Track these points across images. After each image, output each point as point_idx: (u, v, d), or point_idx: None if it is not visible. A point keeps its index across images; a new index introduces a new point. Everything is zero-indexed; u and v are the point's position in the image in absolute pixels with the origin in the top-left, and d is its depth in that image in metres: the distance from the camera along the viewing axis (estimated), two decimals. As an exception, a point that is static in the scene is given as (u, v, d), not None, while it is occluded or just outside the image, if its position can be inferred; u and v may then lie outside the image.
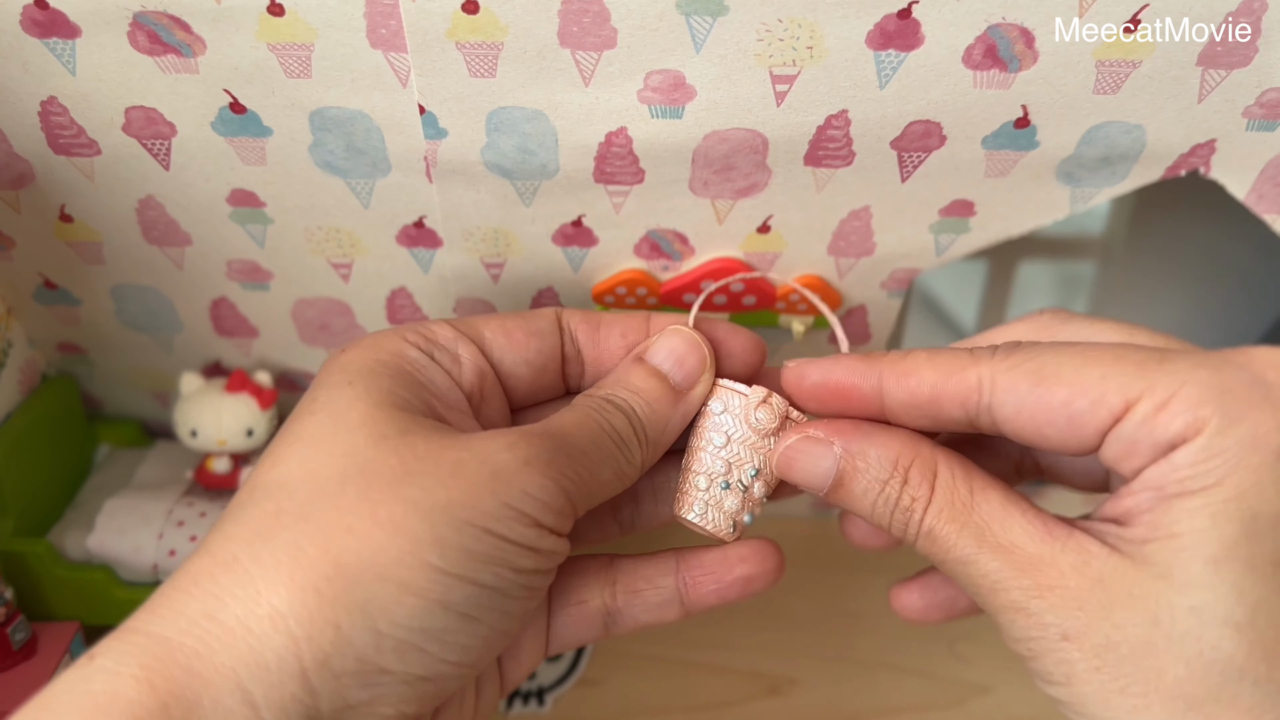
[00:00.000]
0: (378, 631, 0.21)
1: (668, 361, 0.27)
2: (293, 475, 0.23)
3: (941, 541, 0.24)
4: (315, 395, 0.25)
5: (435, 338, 0.26)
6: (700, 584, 0.28)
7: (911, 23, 0.27)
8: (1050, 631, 0.22)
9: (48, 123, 0.30)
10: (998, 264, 0.51)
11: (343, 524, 0.22)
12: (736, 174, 0.31)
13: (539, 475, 0.23)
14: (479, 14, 0.27)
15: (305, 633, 0.21)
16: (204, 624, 0.21)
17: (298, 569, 0.21)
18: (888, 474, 0.25)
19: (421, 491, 0.22)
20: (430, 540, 0.22)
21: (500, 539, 0.23)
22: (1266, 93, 0.28)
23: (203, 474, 0.38)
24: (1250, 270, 0.46)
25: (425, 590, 0.22)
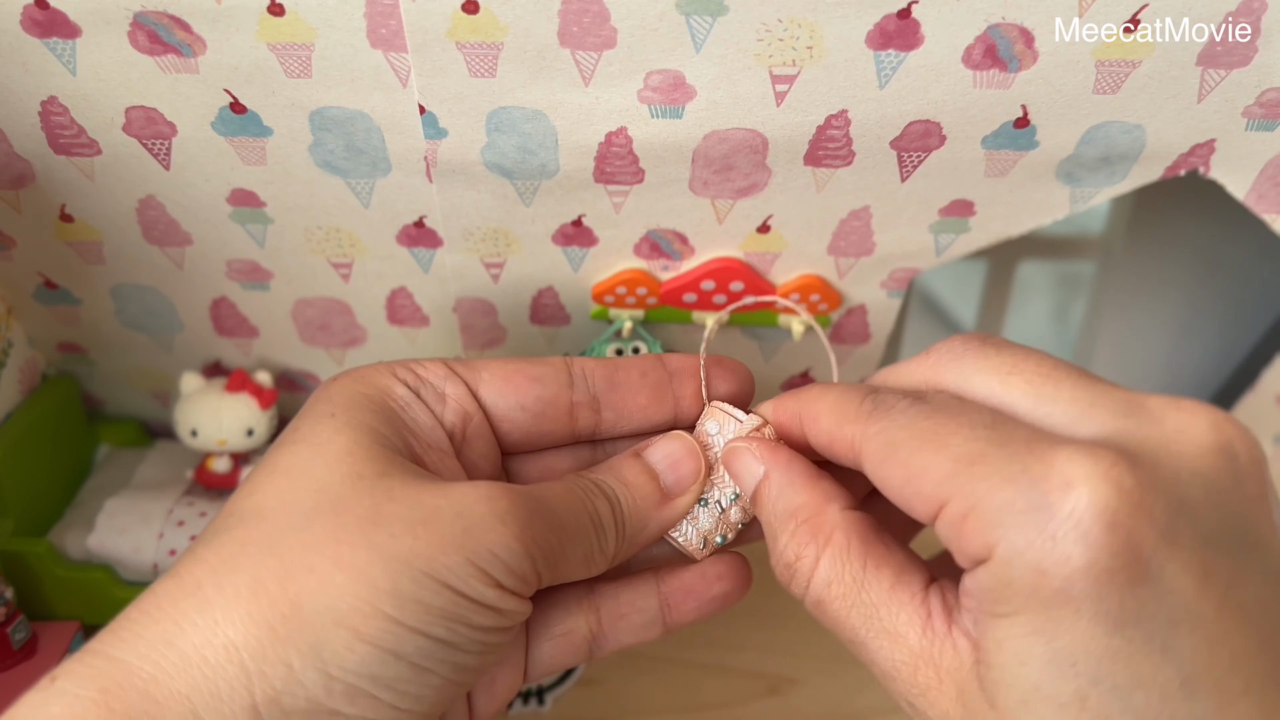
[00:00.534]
0: (329, 675, 0.21)
1: (663, 463, 0.27)
2: (266, 504, 0.23)
3: (831, 613, 0.24)
4: (299, 424, 0.25)
5: (424, 375, 0.27)
6: (681, 604, 0.28)
7: (911, 23, 0.27)
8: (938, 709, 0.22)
9: (48, 122, 0.30)
10: (997, 264, 0.51)
11: (305, 563, 0.22)
12: (736, 174, 0.31)
13: (509, 536, 0.23)
14: (479, 14, 0.27)
15: (257, 668, 0.21)
16: (162, 649, 0.21)
17: (255, 604, 0.21)
18: (782, 520, 0.25)
19: (389, 537, 0.22)
20: (388, 590, 0.22)
21: (458, 595, 0.23)
22: (1266, 92, 0.28)
23: (203, 474, 0.38)
24: (1250, 270, 0.46)
25: (377, 639, 0.22)
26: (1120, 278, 0.50)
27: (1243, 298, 0.47)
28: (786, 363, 0.39)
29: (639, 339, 0.36)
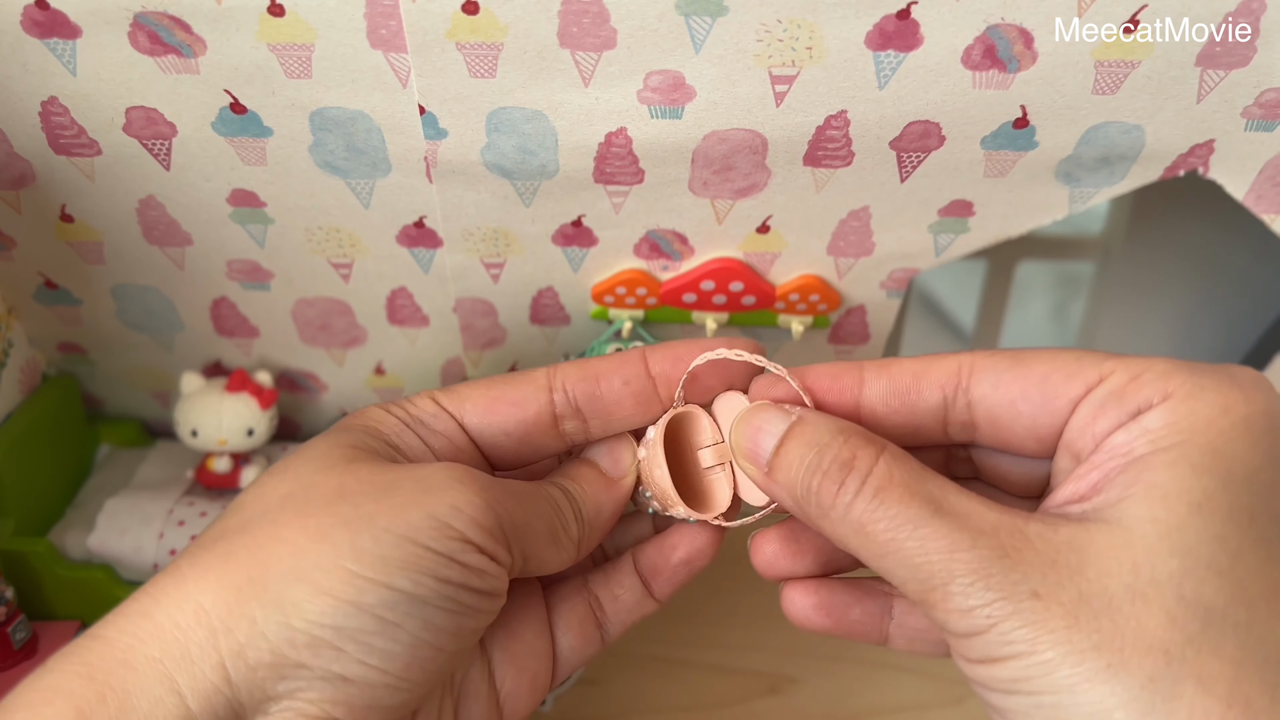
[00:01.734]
0: (290, 626, 0.22)
1: (604, 455, 0.29)
2: (246, 500, 0.25)
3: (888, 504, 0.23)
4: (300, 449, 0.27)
5: (415, 412, 0.28)
6: (656, 575, 0.30)
7: (910, 23, 0.27)
8: (1019, 590, 0.21)
9: (48, 123, 0.30)
10: (997, 264, 0.51)
11: (274, 534, 0.24)
12: (736, 174, 0.31)
13: (470, 493, 0.24)
14: (479, 14, 0.27)
15: (223, 625, 0.22)
16: (138, 621, 0.23)
17: (225, 571, 0.23)
18: (830, 436, 0.24)
19: (352, 507, 0.24)
20: (349, 546, 0.23)
21: (422, 547, 0.23)
22: (1265, 93, 0.28)
23: (203, 474, 0.38)
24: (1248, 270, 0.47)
25: (337, 590, 0.23)
26: (1119, 278, 0.51)
27: (1241, 298, 0.47)
28: (786, 363, 0.39)
29: (639, 339, 0.36)
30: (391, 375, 0.40)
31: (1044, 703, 0.21)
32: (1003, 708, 0.22)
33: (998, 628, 0.21)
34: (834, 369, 0.26)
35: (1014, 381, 0.24)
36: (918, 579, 0.23)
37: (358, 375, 0.40)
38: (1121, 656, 0.20)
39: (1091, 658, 0.20)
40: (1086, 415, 0.23)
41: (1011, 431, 0.25)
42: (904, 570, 0.23)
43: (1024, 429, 0.24)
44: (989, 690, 0.22)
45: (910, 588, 0.23)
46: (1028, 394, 0.24)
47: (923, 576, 0.22)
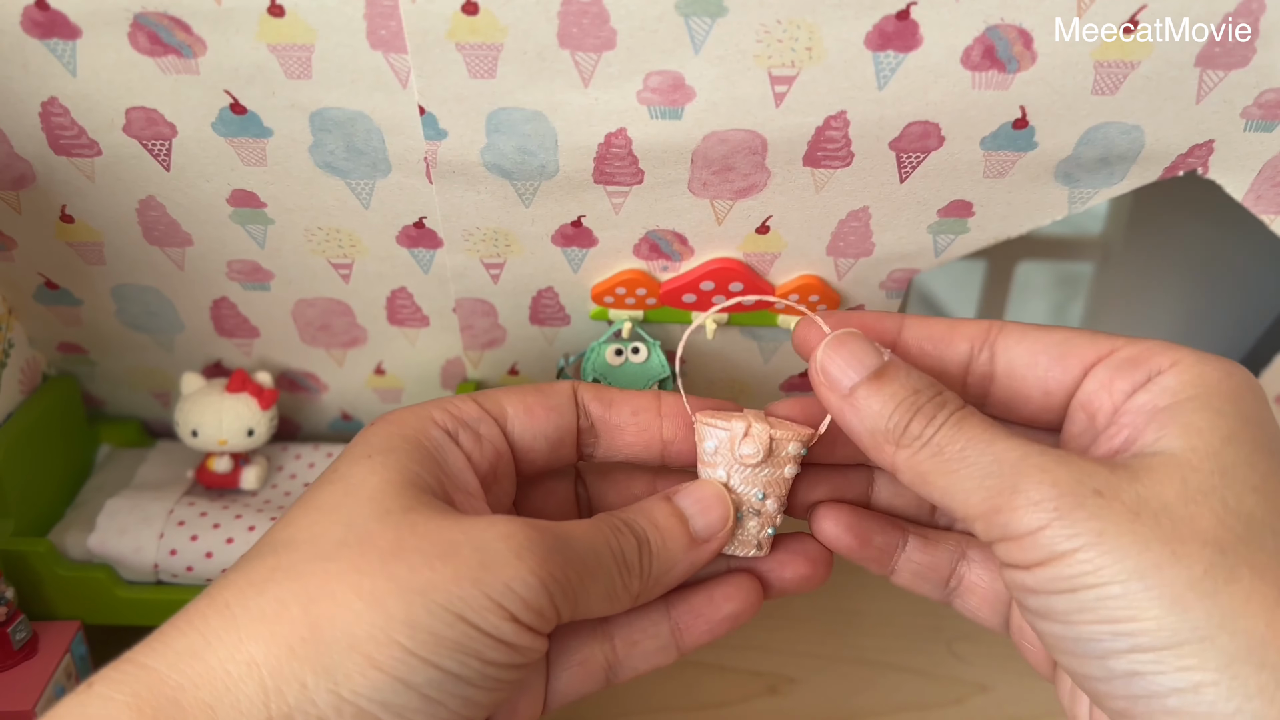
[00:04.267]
0: (340, 697, 0.22)
1: (694, 508, 0.28)
2: (298, 536, 0.24)
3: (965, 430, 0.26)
4: (337, 465, 0.26)
5: (462, 416, 0.28)
6: (693, 626, 0.29)
7: (910, 24, 0.27)
8: (1084, 487, 0.23)
9: (48, 123, 0.30)
10: (996, 264, 0.51)
11: (327, 589, 0.23)
12: (735, 175, 0.31)
13: (526, 571, 0.24)
14: (479, 15, 0.27)
15: (274, 685, 0.22)
16: (190, 661, 0.22)
17: (278, 624, 0.23)
18: (926, 385, 0.27)
19: (408, 570, 0.23)
20: (403, 620, 0.23)
21: (472, 628, 0.23)
22: (1265, 93, 0.29)
23: (204, 474, 0.38)
24: (1248, 270, 0.47)
25: (389, 667, 0.23)
26: (1119, 278, 0.51)
27: (1241, 298, 0.47)
28: (786, 363, 0.39)
29: (638, 339, 0.36)
30: (391, 375, 0.40)
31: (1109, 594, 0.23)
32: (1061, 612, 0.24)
33: (1064, 520, 0.23)
34: (877, 314, 0.29)
35: (1036, 340, 0.28)
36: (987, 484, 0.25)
37: (358, 375, 0.40)
38: (1184, 547, 0.23)
39: (1156, 547, 0.23)
40: (1104, 377, 0.26)
41: (1025, 382, 0.28)
42: (976, 479, 0.25)
43: (1036, 380, 0.28)
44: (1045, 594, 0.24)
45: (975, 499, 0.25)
46: (1048, 350, 0.28)
47: (993, 480, 0.25)
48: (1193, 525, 0.23)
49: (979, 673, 0.42)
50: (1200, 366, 0.25)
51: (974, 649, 0.43)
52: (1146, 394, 0.26)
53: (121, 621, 0.36)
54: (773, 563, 0.30)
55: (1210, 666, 0.22)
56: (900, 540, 0.31)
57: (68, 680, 0.35)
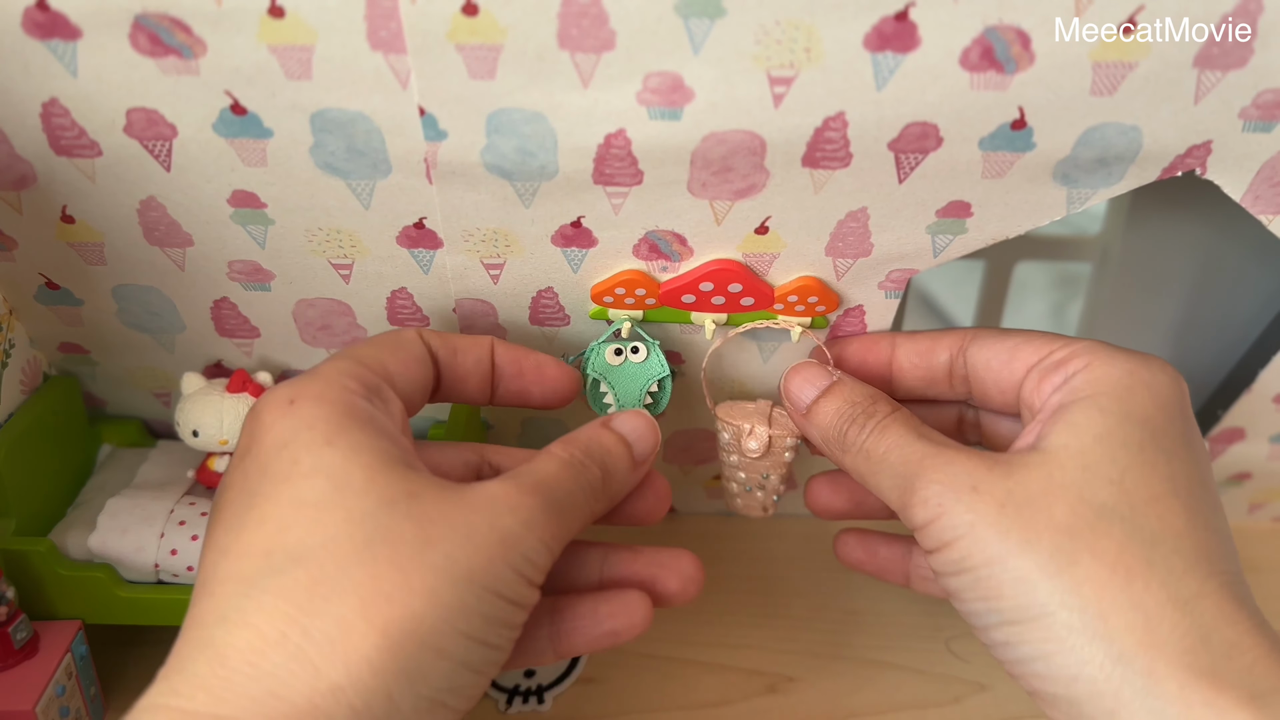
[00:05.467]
0: (419, 695, 0.23)
1: (633, 434, 0.31)
2: (312, 541, 0.24)
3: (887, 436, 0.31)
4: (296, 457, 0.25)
5: (367, 382, 0.28)
6: (571, 634, 0.30)
7: (908, 25, 0.27)
8: (963, 484, 0.28)
9: (49, 124, 0.30)
10: (995, 264, 0.51)
11: (382, 593, 0.23)
12: (735, 175, 0.31)
13: (536, 539, 0.26)
14: (478, 16, 0.27)
15: (364, 703, 0.22)
16: (271, 703, 0.22)
17: (349, 643, 0.23)
18: (861, 396, 0.33)
19: (445, 559, 0.24)
20: (458, 608, 0.24)
21: (506, 601, 0.25)
22: (1263, 94, 0.29)
23: (204, 473, 0.38)
24: (1246, 271, 0.47)
25: (455, 654, 0.24)
26: (1117, 278, 0.51)
27: (1239, 298, 0.47)
28: (785, 363, 0.39)
29: (638, 339, 0.36)
30: (391, 375, 0.40)
31: (981, 576, 0.27)
32: (955, 590, 0.28)
33: (948, 514, 0.28)
34: (873, 337, 0.36)
35: (996, 344, 0.33)
36: (897, 483, 0.30)
37: (358, 375, 0.40)
38: (1036, 534, 0.27)
39: (1014, 535, 0.27)
40: (1035, 380, 0.31)
41: (985, 383, 0.33)
42: (890, 479, 0.30)
43: (993, 381, 0.33)
44: (943, 576, 0.29)
45: (893, 495, 0.30)
46: (999, 357, 0.32)
47: (901, 480, 0.30)
48: (1048, 516, 0.27)
49: (978, 672, 0.42)
50: (1106, 366, 0.29)
51: (973, 648, 0.43)
52: (1058, 394, 0.30)
53: (122, 621, 0.36)
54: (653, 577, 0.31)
55: (1054, 637, 0.26)
56: (906, 551, 0.36)
57: (68, 680, 0.35)
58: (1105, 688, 0.25)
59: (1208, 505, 0.28)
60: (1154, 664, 0.25)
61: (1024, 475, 0.28)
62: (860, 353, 0.35)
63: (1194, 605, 0.26)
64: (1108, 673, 0.25)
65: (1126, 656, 0.25)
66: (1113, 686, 0.25)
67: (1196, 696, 0.24)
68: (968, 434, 0.37)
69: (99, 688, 0.37)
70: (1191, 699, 0.24)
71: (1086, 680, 0.25)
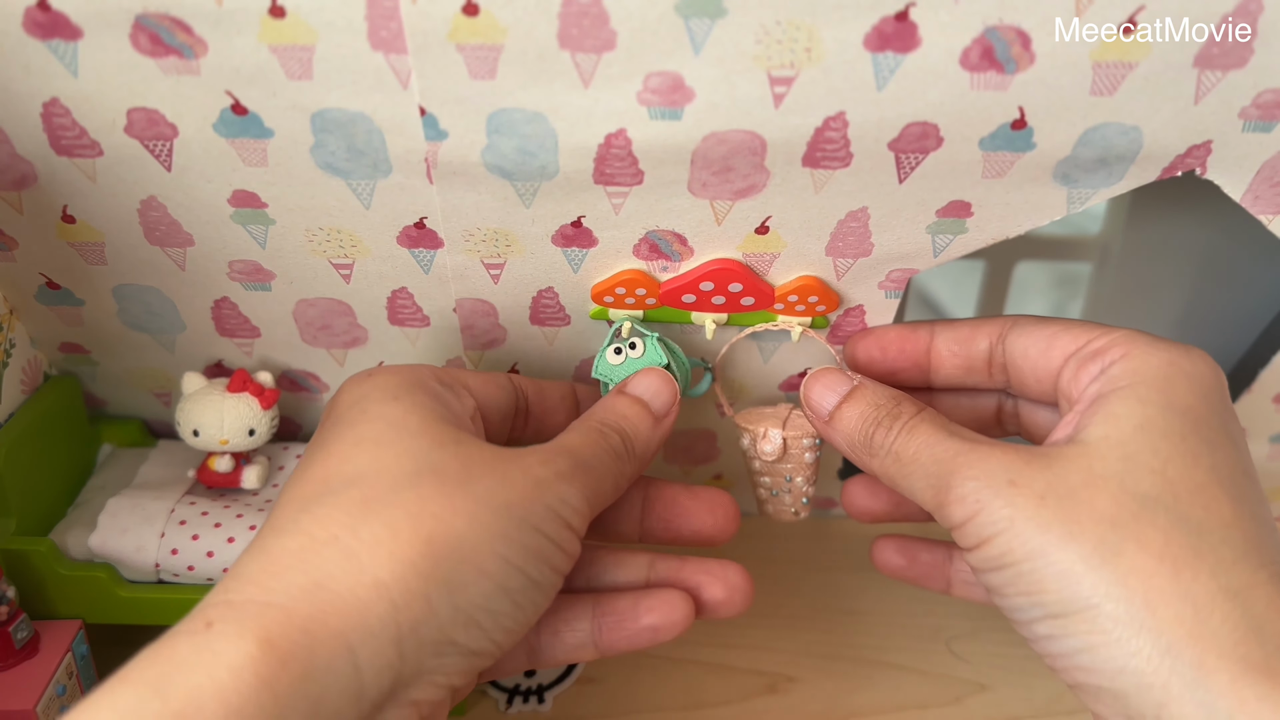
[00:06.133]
0: (456, 606, 0.25)
1: (648, 392, 0.33)
2: (367, 469, 0.26)
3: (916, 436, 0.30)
4: (364, 407, 0.29)
5: (445, 378, 0.31)
6: (613, 630, 0.31)
7: (909, 25, 0.27)
8: (1000, 479, 0.27)
9: (50, 124, 0.30)
10: (995, 264, 0.51)
11: (427, 510, 0.25)
12: (735, 175, 0.31)
13: (568, 485, 0.28)
14: (479, 16, 0.27)
15: (404, 601, 0.24)
16: (316, 593, 0.23)
17: (396, 546, 0.24)
18: (884, 399, 0.32)
19: (486, 490, 0.26)
20: (499, 533, 0.26)
21: (545, 537, 0.27)
22: (1263, 94, 0.29)
23: (205, 473, 0.38)
24: (1246, 271, 0.47)
25: (495, 575, 0.26)
26: (1117, 278, 0.51)
27: (1239, 298, 0.47)
28: (785, 363, 0.39)
29: (636, 335, 0.36)
30: (392, 375, 0.40)
31: (1023, 570, 0.27)
32: (996, 586, 0.28)
33: (985, 509, 0.27)
34: (911, 325, 0.35)
35: (1034, 332, 0.32)
36: (931, 483, 0.29)
37: (358, 375, 0.40)
38: (1079, 526, 0.26)
39: (1055, 528, 0.26)
40: (1072, 370, 0.30)
41: (1022, 372, 0.33)
42: (923, 480, 0.29)
43: (1030, 370, 0.32)
44: (983, 572, 0.28)
45: (927, 495, 0.29)
46: (1037, 345, 0.32)
47: (934, 479, 0.29)
48: (1090, 507, 0.26)
49: (978, 672, 0.42)
50: (1146, 355, 0.29)
51: (973, 648, 0.43)
52: (1096, 384, 0.29)
53: (123, 621, 0.36)
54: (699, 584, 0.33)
55: (1099, 629, 0.25)
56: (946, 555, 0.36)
57: (69, 679, 0.35)
58: (1154, 680, 0.25)
59: (1253, 496, 0.27)
60: (1204, 656, 0.24)
61: (1063, 467, 0.27)
62: (899, 341, 0.35)
63: (1245, 596, 0.25)
64: (1155, 665, 0.25)
65: (1175, 648, 0.24)
66: (1161, 679, 0.25)
67: (1250, 690, 0.24)
68: (1006, 424, 0.36)
69: (99, 687, 0.37)
70: (1244, 692, 0.24)
71: (1133, 673, 0.25)
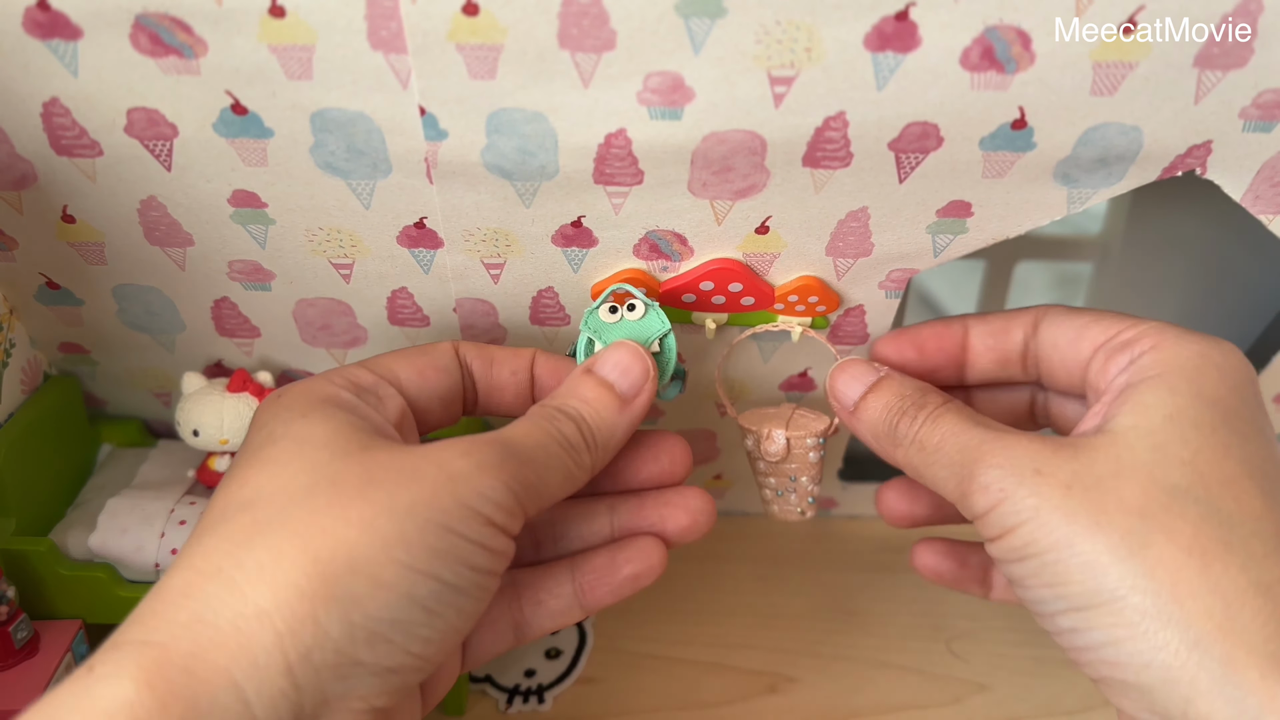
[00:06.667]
0: (352, 623, 0.23)
1: (614, 372, 0.30)
2: (263, 490, 0.25)
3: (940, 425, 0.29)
4: (270, 429, 0.26)
5: (359, 381, 0.29)
6: (596, 586, 0.31)
7: (909, 25, 0.27)
8: (1025, 468, 0.27)
9: (50, 124, 0.30)
10: (995, 264, 0.51)
11: (317, 525, 0.23)
12: (735, 175, 0.31)
13: (490, 478, 0.25)
14: (479, 16, 0.27)
15: (288, 627, 0.22)
16: (196, 628, 0.22)
17: (279, 569, 0.23)
18: (910, 389, 0.31)
19: (386, 494, 0.24)
20: (398, 538, 0.24)
21: (459, 536, 0.25)
22: (1263, 94, 0.29)
23: (205, 473, 0.38)
24: (1247, 270, 0.47)
25: (394, 584, 0.23)
26: (1118, 278, 0.51)
27: (1240, 298, 0.47)
28: (785, 363, 0.39)
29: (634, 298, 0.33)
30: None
31: (1047, 561, 0.26)
32: (1019, 577, 0.27)
33: (1010, 498, 0.27)
34: (945, 321, 0.34)
35: (1065, 323, 0.32)
36: (955, 472, 0.28)
37: (358, 375, 0.40)
38: (1107, 516, 0.25)
39: (1082, 518, 0.26)
40: (1101, 361, 0.30)
41: (1052, 363, 0.32)
42: (947, 468, 0.29)
43: (1060, 361, 0.32)
44: (1007, 563, 0.27)
45: (950, 484, 0.29)
46: (1067, 337, 0.31)
47: (958, 468, 0.28)
48: (1118, 497, 0.26)
49: (978, 672, 0.42)
50: (1177, 346, 0.28)
51: (973, 648, 0.43)
52: (1125, 374, 0.29)
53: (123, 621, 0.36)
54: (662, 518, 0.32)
55: (1125, 622, 0.25)
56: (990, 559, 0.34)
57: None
58: (1180, 675, 0.24)
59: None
60: (1233, 651, 0.24)
61: (1091, 456, 0.27)
62: (935, 339, 0.34)
63: (1276, 591, 0.24)
64: (1183, 659, 0.24)
65: (1204, 643, 0.24)
66: (1188, 674, 0.24)
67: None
68: (1039, 419, 0.36)
69: (99, 687, 0.37)
70: (1274, 688, 0.23)
71: (1160, 667, 0.24)
